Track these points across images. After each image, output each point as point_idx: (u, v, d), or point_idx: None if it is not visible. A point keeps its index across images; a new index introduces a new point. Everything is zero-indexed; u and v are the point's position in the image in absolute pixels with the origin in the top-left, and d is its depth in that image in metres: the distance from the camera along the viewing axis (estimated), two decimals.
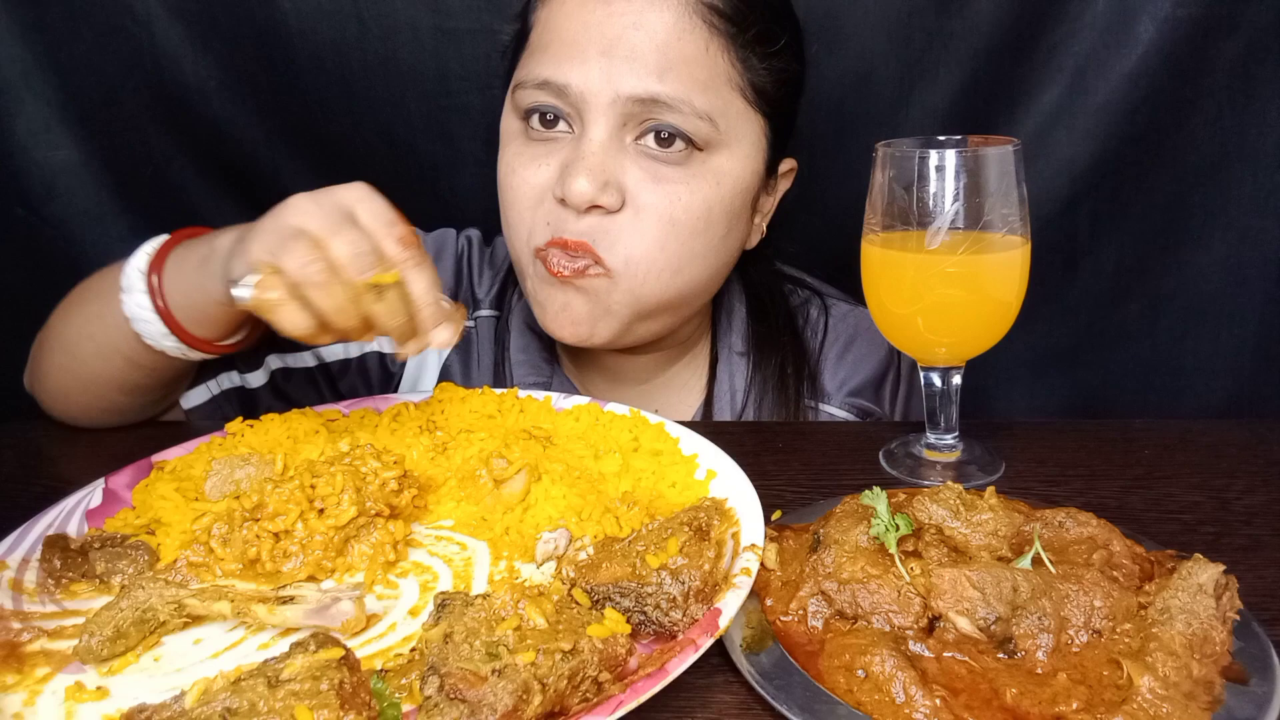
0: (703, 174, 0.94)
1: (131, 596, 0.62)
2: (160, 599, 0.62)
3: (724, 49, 0.93)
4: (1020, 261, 0.81)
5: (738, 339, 1.14)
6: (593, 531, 0.70)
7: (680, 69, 0.90)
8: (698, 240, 0.95)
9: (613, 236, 0.93)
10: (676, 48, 0.90)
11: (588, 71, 0.90)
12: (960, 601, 0.58)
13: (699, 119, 0.91)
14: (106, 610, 0.61)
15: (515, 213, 0.97)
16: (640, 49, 0.90)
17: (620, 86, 0.90)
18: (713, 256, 0.99)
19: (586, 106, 0.91)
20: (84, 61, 1.32)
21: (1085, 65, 1.31)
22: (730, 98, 0.94)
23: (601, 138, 0.91)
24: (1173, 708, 0.50)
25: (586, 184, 0.89)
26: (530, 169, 0.95)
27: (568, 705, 0.52)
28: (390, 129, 1.39)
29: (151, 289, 0.88)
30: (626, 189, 0.92)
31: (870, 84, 1.35)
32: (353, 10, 1.32)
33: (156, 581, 0.64)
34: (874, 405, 1.14)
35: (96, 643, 0.59)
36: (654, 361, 1.14)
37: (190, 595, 0.63)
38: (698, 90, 0.91)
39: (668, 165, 0.93)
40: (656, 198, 0.92)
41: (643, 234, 0.93)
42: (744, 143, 0.97)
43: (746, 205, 1.00)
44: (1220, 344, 1.42)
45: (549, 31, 0.95)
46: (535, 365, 1.12)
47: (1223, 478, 0.83)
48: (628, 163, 0.92)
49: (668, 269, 0.95)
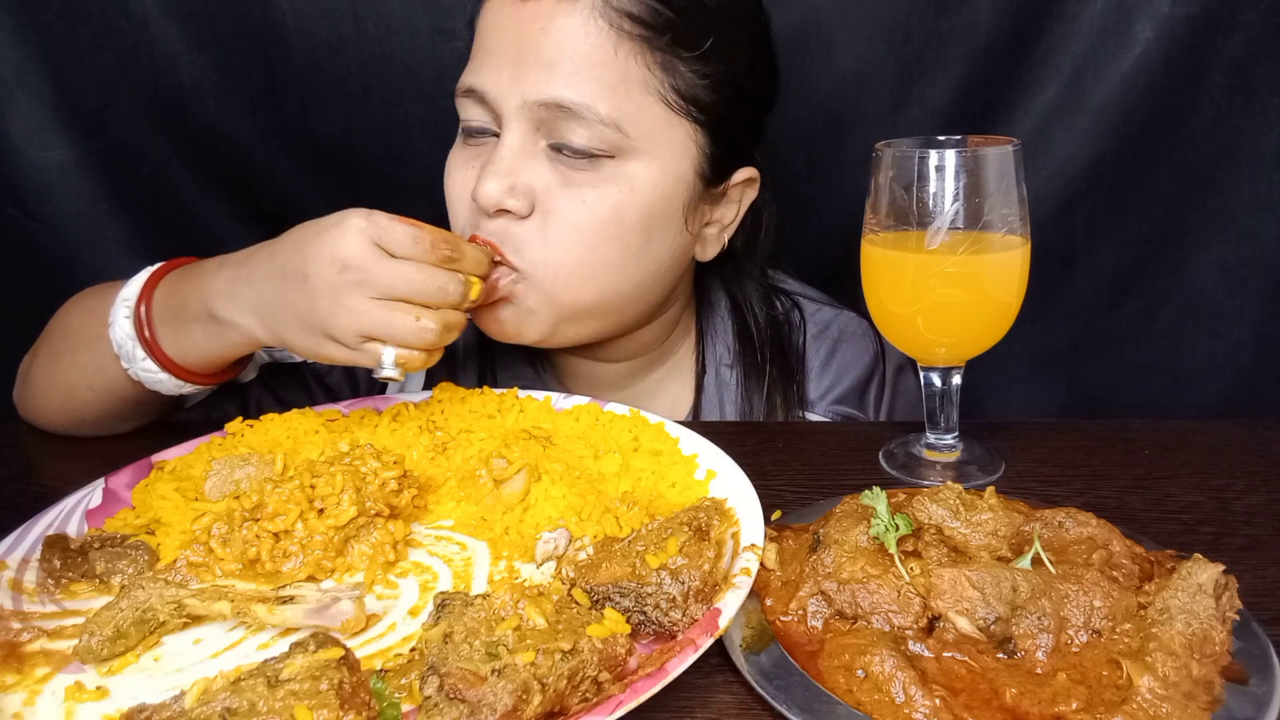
0: (614, 179, 0.92)
1: (131, 596, 0.62)
2: (160, 599, 0.62)
3: (636, 53, 0.90)
4: (1020, 261, 0.81)
5: (724, 351, 1.13)
6: (593, 531, 0.70)
7: (586, 73, 0.89)
8: (609, 246, 0.94)
9: (518, 241, 0.92)
10: (584, 53, 0.89)
11: (500, 78, 0.91)
12: (960, 601, 0.58)
13: (603, 125, 0.90)
14: (106, 610, 0.61)
15: (453, 213, 1.00)
16: (547, 54, 0.89)
17: (526, 92, 0.90)
18: (634, 264, 0.96)
19: (501, 112, 0.92)
20: (79, 61, 1.32)
21: (1083, 65, 1.31)
22: (645, 102, 0.92)
23: (513, 143, 0.91)
24: (1172, 708, 0.50)
25: (494, 187, 0.90)
26: (461, 172, 0.98)
27: (567, 705, 0.52)
28: (386, 129, 1.39)
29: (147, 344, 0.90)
30: (536, 194, 0.92)
31: (869, 84, 1.35)
32: (349, 10, 1.32)
33: (156, 581, 0.64)
34: (857, 411, 1.14)
35: (96, 643, 0.59)
36: (630, 369, 1.13)
37: (190, 595, 0.63)
38: (604, 95, 0.89)
39: (577, 170, 0.92)
40: (564, 203, 0.92)
41: (549, 240, 0.92)
42: (663, 149, 0.94)
43: (672, 213, 0.97)
44: (1219, 343, 1.42)
45: (478, 40, 0.96)
46: (517, 370, 1.12)
47: (1223, 478, 0.83)
48: (540, 167, 0.92)
49: (577, 274, 0.94)
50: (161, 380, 0.91)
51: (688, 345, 1.17)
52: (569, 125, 0.90)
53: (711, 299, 1.15)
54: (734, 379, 1.12)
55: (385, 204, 1.50)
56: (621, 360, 1.12)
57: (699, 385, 1.14)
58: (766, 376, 1.12)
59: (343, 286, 0.80)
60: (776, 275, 1.20)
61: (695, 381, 1.15)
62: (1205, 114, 1.31)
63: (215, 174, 1.42)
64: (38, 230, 1.37)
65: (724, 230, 1.05)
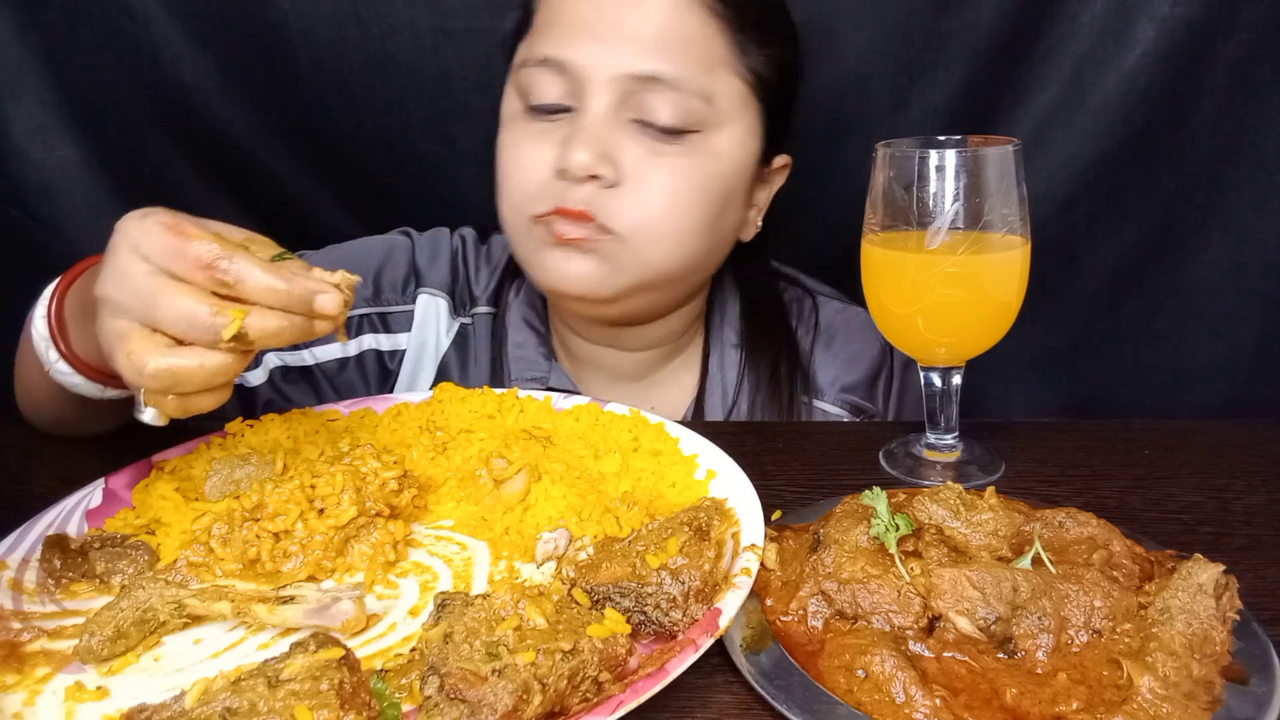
0: (700, 150, 0.96)
1: (131, 596, 0.62)
2: (160, 599, 0.62)
3: (721, 31, 0.95)
4: (1020, 261, 0.81)
5: (731, 333, 1.15)
6: (593, 531, 0.70)
7: (678, 48, 0.93)
8: (699, 214, 0.97)
9: (613, 208, 0.94)
10: (676, 28, 0.93)
11: (588, 49, 0.93)
12: (960, 601, 0.58)
13: (696, 97, 0.93)
14: (106, 610, 0.61)
15: (518, 191, 0.98)
16: (640, 28, 0.92)
17: (619, 65, 0.92)
18: (711, 233, 1.00)
19: (587, 83, 0.93)
20: (81, 62, 1.32)
21: (1084, 65, 1.31)
22: (728, 80, 0.96)
23: (600, 113, 0.93)
24: (1173, 708, 0.50)
25: (585, 155, 0.92)
26: (531, 145, 0.97)
27: (568, 705, 0.52)
28: (390, 129, 1.39)
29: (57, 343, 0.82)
30: (624, 164, 0.94)
31: (869, 84, 1.35)
32: (352, 10, 1.32)
33: (156, 581, 0.64)
34: (867, 403, 1.14)
35: (96, 643, 0.59)
36: (650, 359, 1.14)
37: (190, 595, 0.63)
38: (696, 69, 0.93)
39: (664, 143, 0.95)
40: (655, 170, 0.94)
41: (646, 204, 0.95)
42: (740, 126, 0.99)
43: (741, 189, 1.02)
44: (1219, 343, 1.42)
45: (552, 13, 0.97)
46: (533, 361, 1.12)
47: (1223, 478, 0.83)
48: (626, 139, 0.94)
49: (671, 238, 0.97)
50: (78, 383, 0.83)
51: (698, 335, 1.18)
52: (659, 98, 0.93)
53: (721, 284, 1.16)
54: (739, 360, 1.14)
55: (388, 203, 1.49)
56: (642, 350, 1.13)
57: (705, 366, 1.15)
58: (772, 357, 1.13)
59: (105, 301, 0.68)
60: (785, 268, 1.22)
61: (701, 362, 1.15)
62: (1206, 114, 1.31)
63: (218, 174, 1.42)
64: (39, 231, 1.36)
65: (760, 213, 1.09)
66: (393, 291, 1.14)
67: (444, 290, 1.15)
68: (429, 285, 1.15)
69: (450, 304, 1.15)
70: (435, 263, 1.16)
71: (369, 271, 1.13)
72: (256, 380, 1.09)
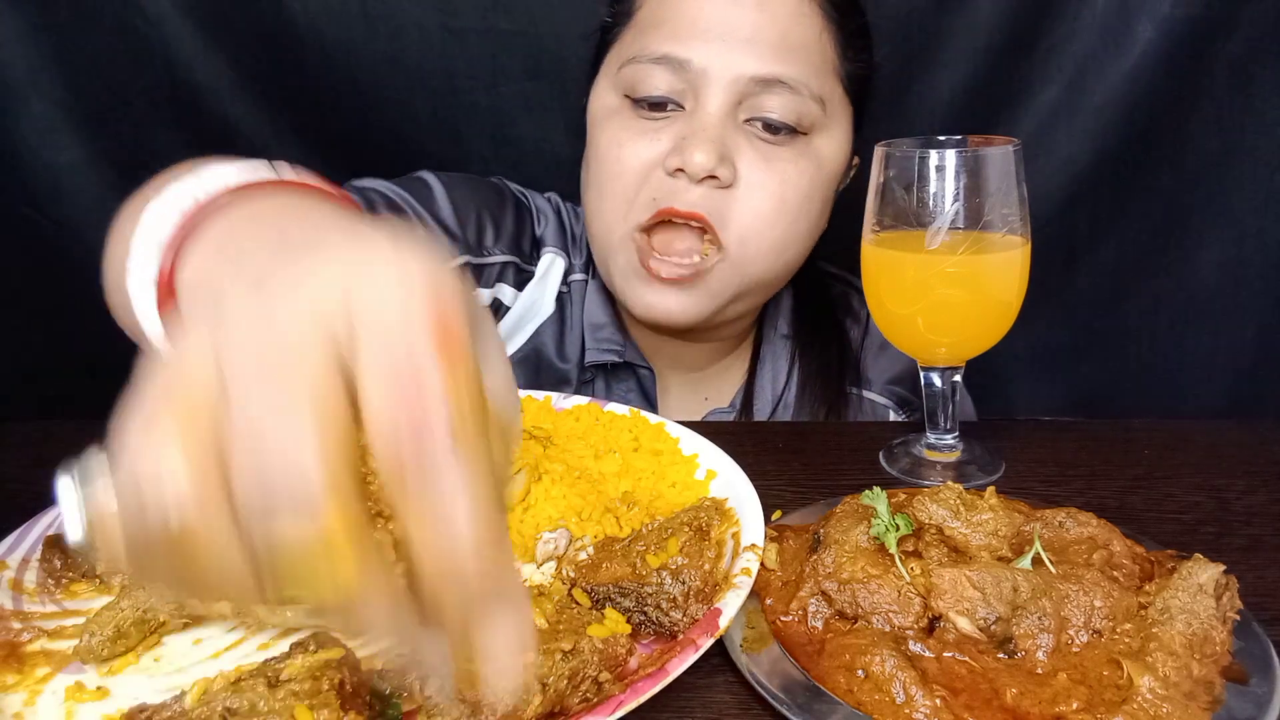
0: (808, 155, 0.97)
1: (132, 596, 0.62)
2: (160, 599, 0.62)
3: (833, 37, 0.97)
4: (1020, 261, 0.81)
5: (783, 324, 1.15)
6: (593, 531, 0.70)
7: (799, 52, 0.94)
8: (801, 221, 0.98)
9: (725, 213, 0.94)
10: (795, 32, 0.94)
11: (710, 49, 0.93)
12: (960, 601, 0.58)
13: (813, 100, 0.94)
14: (107, 610, 0.61)
15: (618, 184, 0.96)
16: (763, 31, 0.93)
17: (742, 66, 0.92)
18: (808, 238, 1.02)
19: (706, 82, 0.93)
20: (92, 62, 1.32)
21: (1084, 65, 1.31)
22: (834, 84, 0.98)
23: (719, 113, 0.93)
24: (1173, 708, 0.50)
25: (705, 155, 0.91)
26: (639, 143, 0.95)
27: (568, 705, 0.52)
28: (398, 128, 1.39)
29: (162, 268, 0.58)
30: (739, 167, 0.94)
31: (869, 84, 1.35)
32: (360, 10, 1.32)
33: None
34: (912, 396, 1.15)
35: (97, 643, 0.59)
36: (712, 350, 1.14)
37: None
38: (813, 73, 0.95)
39: (776, 145, 0.95)
40: (767, 176, 0.94)
41: (756, 211, 0.95)
42: (840, 129, 1.00)
43: (834, 192, 1.03)
44: (1219, 343, 1.42)
45: (665, 10, 0.96)
46: (610, 335, 1.09)
47: (1223, 478, 0.83)
48: (741, 141, 0.95)
49: (774, 249, 0.97)
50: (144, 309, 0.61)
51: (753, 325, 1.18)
52: (777, 100, 0.93)
53: None
54: (789, 349, 1.14)
55: None
56: (711, 341, 1.13)
57: (755, 355, 1.15)
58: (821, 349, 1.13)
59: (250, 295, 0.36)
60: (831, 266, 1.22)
61: (752, 352, 1.16)
62: (1206, 114, 1.31)
63: None
64: (51, 230, 1.37)
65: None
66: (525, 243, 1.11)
67: (562, 251, 1.12)
68: (550, 244, 1.12)
69: (566, 264, 1.12)
70: (549, 221, 1.13)
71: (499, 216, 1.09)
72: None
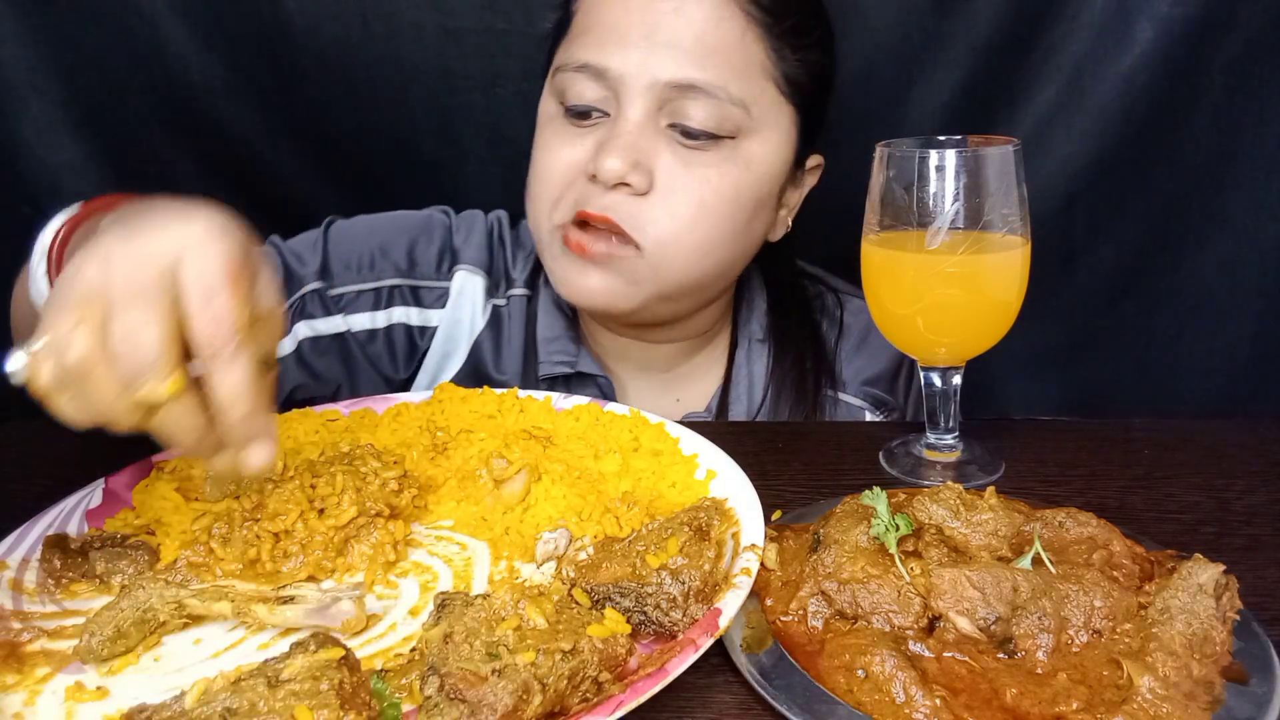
0: (733, 159, 0.96)
1: (132, 596, 0.62)
2: (160, 599, 0.62)
3: (759, 38, 0.95)
4: (1020, 261, 0.81)
5: (757, 327, 1.15)
6: (593, 531, 0.70)
7: (717, 56, 0.93)
8: (726, 224, 0.97)
9: (640, 218, 0.94)
10: (714, 35, 0.93)
11: (627, 55, 0.93)
12: (960, 601, 0.58)
13: (733, 105, 0.93)
14: (107, 610, 0.61)
15: (544, 187, 0.99)
16: (680, 35, 0.92)
17: (659, 71, 0.92)
18: (737, 242, 1.01)
19: (624, 89, 0.93)
20: (90, 61, 1.32)
21: (1083, 65, 1.31)
22: (764, 86, 0.96)
23: (637, 119, 0.94)
24: (1173, 708, 0.50)
25: (617, 162, 0.92)
26: (566, 148, 0.98)
27: (568, 705, 0.52)
28: (394, 128, 1.40)
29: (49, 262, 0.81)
30: (657, 173, 0.94)
31: (869, 84, 1.35)
32: (357, 9, 1.33)
33: (157, 581, 0.64)
34: (888, 395, 1.15)
35: (97, 642, 0.59)
36: (677, 351, 1.15)
37: (191, 595, 0.63)
38: (733, 77, 0.93)
39: (698, 150, 0.95)
40: (686, 181, 0.94)
41: (673, 215, 0.95)
42: (775, 131, 0.99)
43: (773, 194, 1.02)
44: (1217, 343, 1.42)
45: (591, 17, 0.97)
46: (563, 347, 1.11)
47: (1223, 478, 0.83)
48: (660, 146, 0.95)
49: (696, 251, 0.97)
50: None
51: (726, 328, 1.18)
52: (695, 105, 0.93)
53: (748, 280, 1.17)
54: (766, 351, 1.14)
55: (391, 200, 1.51)
56: (673, 341, 1.13)
57: (731, 358, 1.15)
58: (797, 351, 1.13)
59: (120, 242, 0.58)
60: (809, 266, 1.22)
61: (727, 354, 1.16)
62: (1204, 113, 1.31)
63: (224, 172, 1.42)
64: None
65: (791, 212, 1.09)
66: (428, 266, 1.13)
67: (481, 268, 1.14)
68: (466, 263, 1.14)
69: (487, 283, 1.14)
70: (471, 241, 1.15)
71: (403, 243, 1.12)
72: (284, 350, 1.07)
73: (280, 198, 1.43)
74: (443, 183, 1.42)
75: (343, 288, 1.09)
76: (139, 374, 0.56)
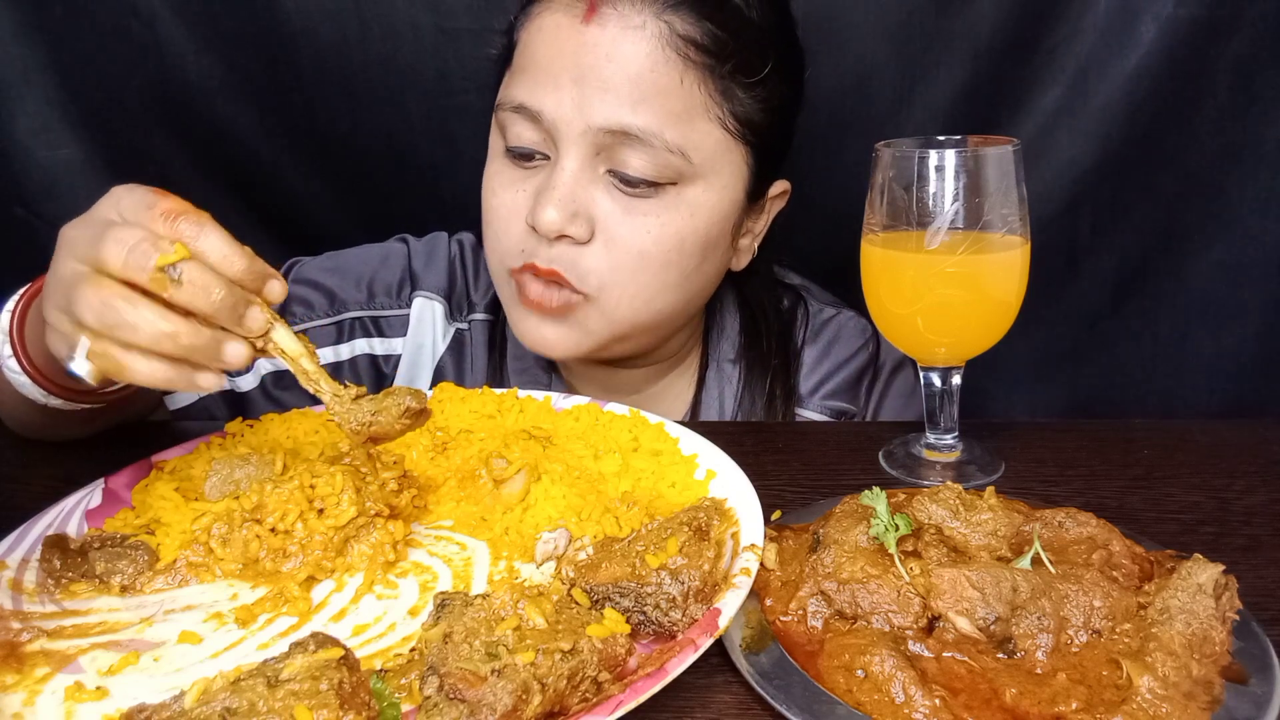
0: (675, 205, 0.93)
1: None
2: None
3: (700, 81, 0.91)
4: (1020, 261, 0.81)
5: (728, 348, 1.14)
6: (592, 531, 0.70)
7: (653, 101, 0.89)
8: (670, 271, 0.95)
9: (583, 267, 0.93)
10: (650, 79, 0.89)
11: (560, 100, 0.90)
12: (960, 601, 0.58)
13: (669, 152, 0.90)
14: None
15: (493, 232, 0.99)
16: (613, 80, 0.89)
17: (592, 117, 0.89)
18: (687, 285, 0.99)
19: (559, 135, 0.91)
20: (86, 61, 1.32)
21: (1086, 66, 1.31)
22: (707, 129, 0.93)
23: (573, 168, 0.91)
24: (1172, 708, 0.50)
25: (555, 214, 0.90)
26: (508, 192, 0.96)
27: (567, 705, 0.52)
28: (390, 129, 1.40)
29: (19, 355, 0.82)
30: (597, 220, 0.92)
31: (870, 84, 1.35)
32: (354, 10, 1.32)
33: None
34: (849, 405, 1.14)
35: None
36: (646, 375, 1.14)
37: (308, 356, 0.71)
38: (670, 123, 0.90)
39: (638, 198, 0.92)
40: (626, 229, 0.92)
41: (614, 264, 0.93)
42: (722, 175, 0.95)
43: (725, 234, 0.99)
44: (1221, 344, 1.42)
45: (527, 54, 0.95)
46: (533, 375, 1.12)
47: (1223, 478, 0.83)
48: (599, 193, 0.92)
49: (639, 297, 0.95)
50: (24, 384, 0.82)
51: (696, 349, 1.17)
52: (632, 152, 0.90)
53: (720, 298, 1.16)
54: (737, 373, 1.13)
55: (388, 201, 1.50)
56: (641, 366, 1.13)
57: (700, 379, 1.14)
58: (770, 371, 1.12)
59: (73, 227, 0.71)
60: (781, 270, 1.21)
61: (698, 375, 1.15)
62: (1208, 115, 1.31)
63: (221, 173, 1.42)
64: (43, 229, 1.37)
65: (755, 239, 1.07)
66: (387, 295, 1.14)
67: (440, 294, 1.15)
68: (425, 288, 1.14)
69: (446, 308, 1.15)
70: (431, 266, 1.15)
71: (364, 277, 1.13)
72: (247, 385, 1.08)
73: (277, 197, 1.44)
74: (438, 183, 1.42)
75: (304, 325, 1.10)
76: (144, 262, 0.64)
